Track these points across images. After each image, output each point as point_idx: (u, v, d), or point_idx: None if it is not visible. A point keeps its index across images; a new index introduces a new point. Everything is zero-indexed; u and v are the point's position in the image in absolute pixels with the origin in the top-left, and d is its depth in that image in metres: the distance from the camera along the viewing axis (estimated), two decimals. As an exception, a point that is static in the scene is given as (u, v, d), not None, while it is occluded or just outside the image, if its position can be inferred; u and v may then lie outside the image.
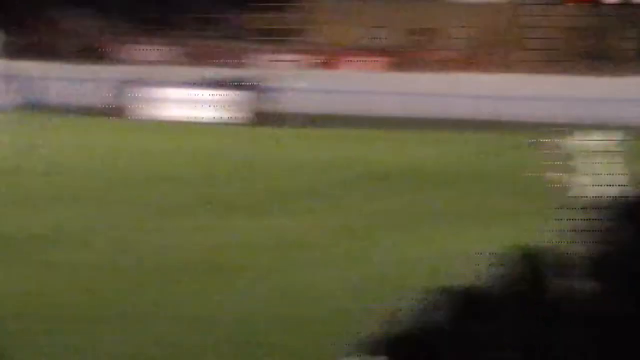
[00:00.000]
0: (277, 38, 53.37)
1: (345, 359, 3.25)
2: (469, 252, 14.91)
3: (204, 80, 41.86)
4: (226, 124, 37.27)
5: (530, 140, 28.42)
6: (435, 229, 16.73)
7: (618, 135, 24.84)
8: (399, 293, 12.66)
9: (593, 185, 22.05)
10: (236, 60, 45.77)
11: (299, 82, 43.82)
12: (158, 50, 51.92)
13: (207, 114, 39.35)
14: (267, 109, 39.32)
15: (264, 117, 38.59)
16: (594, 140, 24.04)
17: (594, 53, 50.91)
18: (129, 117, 39.34)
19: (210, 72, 42.87)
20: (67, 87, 43.64)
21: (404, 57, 51.51)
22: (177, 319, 11.40)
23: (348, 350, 9.58)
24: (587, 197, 21.15)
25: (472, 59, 49.95)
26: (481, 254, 14.31)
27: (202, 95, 40.71)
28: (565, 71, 46.22)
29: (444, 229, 16.68)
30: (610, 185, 21.65)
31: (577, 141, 24.46)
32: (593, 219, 4.96)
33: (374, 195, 20.54)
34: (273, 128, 36.69)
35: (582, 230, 4.98)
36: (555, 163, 24.87)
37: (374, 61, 51.93)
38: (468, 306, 3.78)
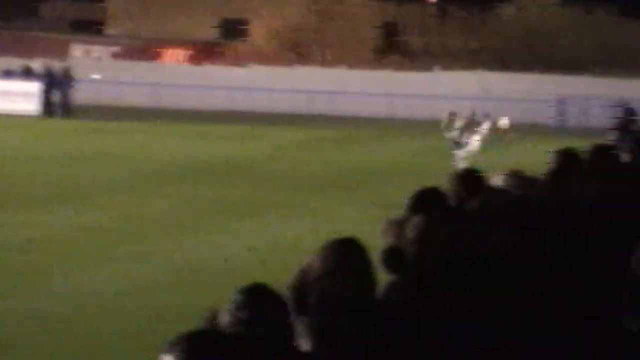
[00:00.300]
0: (77, 28, 51.49)
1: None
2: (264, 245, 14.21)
3: (0, 71, 39.86)
4: (15, 116, 35.40)
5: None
6: (218, 222, 15.95)
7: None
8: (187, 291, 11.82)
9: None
10: (30, 50, 43.72)
11: (95, 73, 42.46)
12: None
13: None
14: (59, 100, 37.72)
15: (55, 109, 37.18)
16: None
17: (393, 48, 51.53)
18: None
19: (6, 62, 40.97)
20: None
21: (212, 49, 50.58)
22: None
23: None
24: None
25: (280, 53, 49.59)
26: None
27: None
28: (371, 65, 46.50)
29: (234, 222, 15.93)
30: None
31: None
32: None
33: (145, 189, 19.71)
34: (63, 120, 35.61)
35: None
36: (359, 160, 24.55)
37: (180, 53, 50.80)
38: (273, 302, 3.36)
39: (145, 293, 11.60)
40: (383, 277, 4.41)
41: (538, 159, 5.61)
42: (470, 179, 5.33)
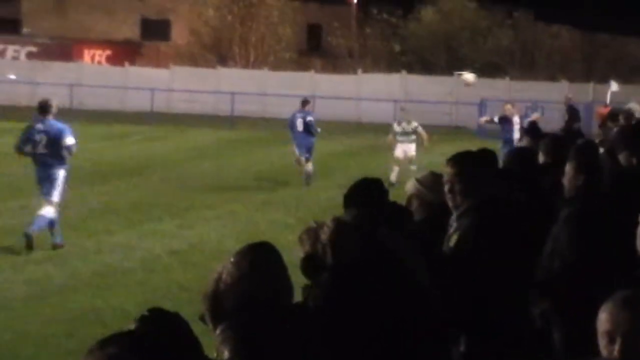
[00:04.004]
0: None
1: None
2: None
3: None
4: None
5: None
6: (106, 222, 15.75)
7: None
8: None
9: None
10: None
11: (11, 73, 41.76)
12: None
13: None
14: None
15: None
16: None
17: (316, 50, 51.64)
18: None
19: None
20: None
21: (133, 49, 50.04)
22: None
23: None
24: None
25: (202, 54, 49.28)
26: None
27: None
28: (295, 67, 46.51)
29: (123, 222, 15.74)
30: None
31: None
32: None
33: None
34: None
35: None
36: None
37: (100, 53, 50.15)
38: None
39: (61, 296, 11.41)
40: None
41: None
42: (372, 189, 5.31)
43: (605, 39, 50.95)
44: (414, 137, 22.50)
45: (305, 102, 23.00)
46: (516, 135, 21.80)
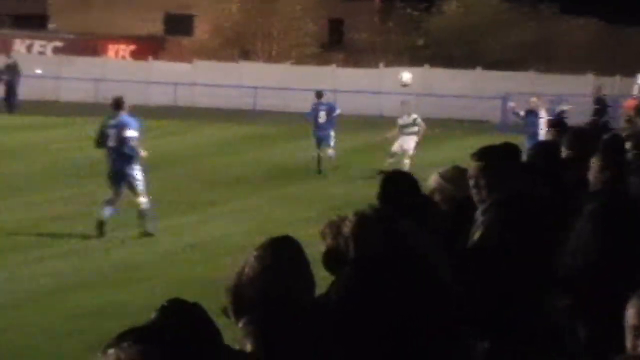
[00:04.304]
0: (19, 23, 50.78)
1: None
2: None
3: None
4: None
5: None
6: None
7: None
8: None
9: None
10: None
11: (37, 68, 41.95)
12: None
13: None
14: (3, 95, 37.23)
15: (1, 104, 36.70)
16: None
17: (338, 44, 51.59)
18: None
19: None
20: None
21: (156, 44, 50.17)
22: None
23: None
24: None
25: (224, 48, 49.35)
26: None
27: None
28: (318, 62, 46.49)
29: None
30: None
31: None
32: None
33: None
34: (9, 115, 35.18)
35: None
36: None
37: (124, 48, 50.33)
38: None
39: (85, 289, 11.46)
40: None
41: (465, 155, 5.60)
42: (402, 181, 5.30)
43: (631, 31, 50.59)
44: (414, 129, 22.43)
45: (321, 94, 23.34)
46: (543, 128, 21.69)
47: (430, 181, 5.85)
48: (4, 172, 21.10)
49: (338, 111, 23.41)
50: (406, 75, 21.21)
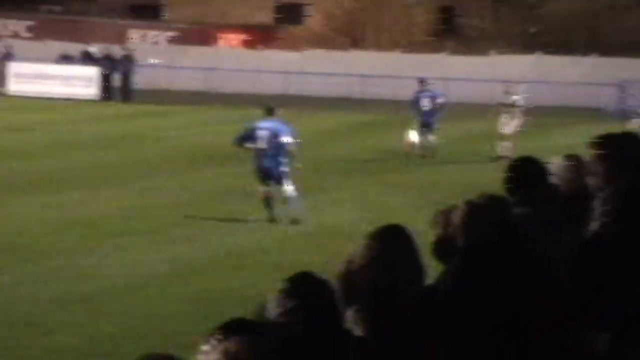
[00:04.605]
0: (134, 13, 51.83)
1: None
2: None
3: (59, 55, 40.29)
4: (79, 100, 35.87)
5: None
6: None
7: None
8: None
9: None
10: (88, 35, 44.10)
11: (152, 58, 42.75)
12: (17, 24, 49.90)
13: (57, 90, 37.57)
14: (119, 84, 38.12)
15: (114, 93, 37.59)
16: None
17: (449, 32, 51.11)
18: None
19: (66, 47, 41.40)
20: None
21: (268, 34, 50.61)
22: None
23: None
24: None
25: (335, 37, 49.45)
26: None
27: (56, 70, 38.98)
28: (425, 49, 46.18)
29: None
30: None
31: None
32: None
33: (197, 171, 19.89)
34: (121, 103, 35.98)
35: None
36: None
37: (236, 38, 50.91)
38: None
39: (199, 275, 11.65)
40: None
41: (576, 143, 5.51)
42: (529, 167, 5.26)
43: None
44: (514, 110, 22.91)
45: (424, 81, 23.87)
46: None
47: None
48: (120, 159, 21.60)
49: (442, 99, 23.67)
50: (413, 135, 21.98)
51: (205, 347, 2.73)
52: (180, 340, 8.89)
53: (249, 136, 15.43)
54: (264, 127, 15.39)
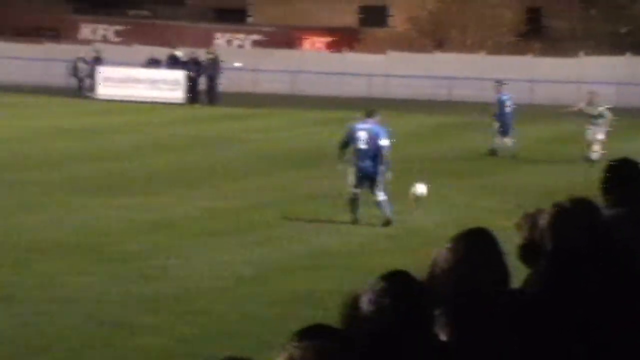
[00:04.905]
0: (220, 17, 52.36)
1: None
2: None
3: (147, 59, 40.96)
4: (165, 103, 36.43)
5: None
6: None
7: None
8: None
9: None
10: (174, 39, 44.72)
11: (237, 61, 43.13)
12: (106, 29, 50.87)
13: (145, 93, 38.21)
14: (206, 87, 38.58)
15: (201, 96, 38.05)
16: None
17: (535, 33, 50.45)
18: (83, 96, 38.62)
19: (154, 51, 42.08)
20: (18, 65, 42.99)
21: (351, 36, 50.65)
22: (40, 299, 10.52)
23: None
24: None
25: (419, 39, 49.25)
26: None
27: (144, 73, 39.65)
28: (513, 51, 45.70)
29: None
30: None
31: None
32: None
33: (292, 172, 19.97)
34: (207, 107, 36.40)
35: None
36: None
37: (320, 41, 51.08)
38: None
39: (281, 277, 11.69)
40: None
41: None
42: (624, 167, 5.19)
43: None
44: (599, 121, 22.65)
45: (502, 83, 24.59)
46: None
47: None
48: (206, 161, 21.83)
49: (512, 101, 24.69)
50: (420, 188, 17.72)
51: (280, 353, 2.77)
52: (265, 342, 8.94)
53: (350, 137, 15.72)
54: (363, 128, 15.73)
